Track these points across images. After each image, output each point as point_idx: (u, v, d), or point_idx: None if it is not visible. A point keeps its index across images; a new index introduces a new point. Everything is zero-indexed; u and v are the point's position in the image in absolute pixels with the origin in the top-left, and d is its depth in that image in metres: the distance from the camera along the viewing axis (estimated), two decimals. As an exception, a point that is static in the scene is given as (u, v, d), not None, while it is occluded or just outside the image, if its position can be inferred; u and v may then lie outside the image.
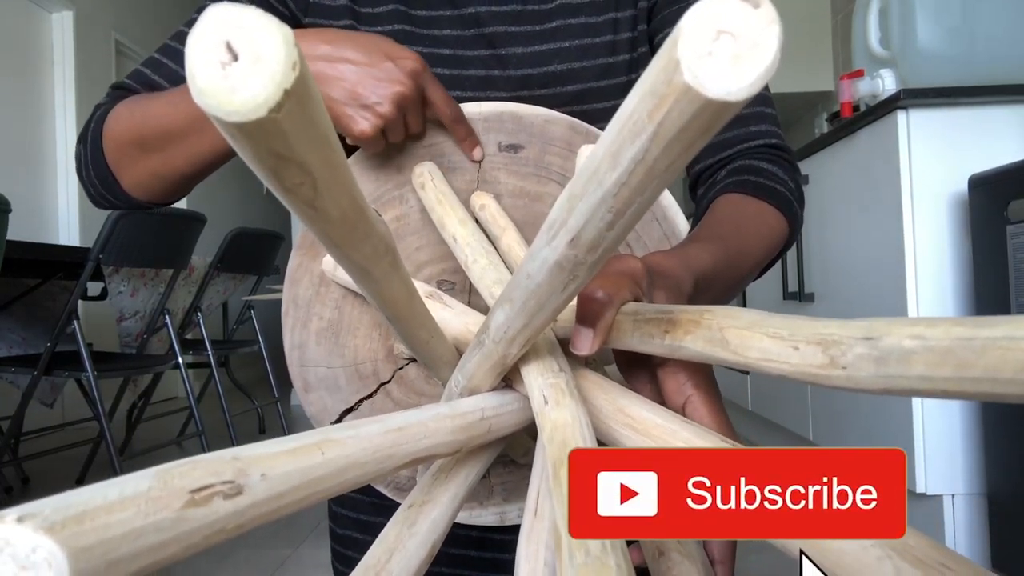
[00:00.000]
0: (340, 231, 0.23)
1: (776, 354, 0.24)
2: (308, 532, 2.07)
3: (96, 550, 0.15)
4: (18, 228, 2.48)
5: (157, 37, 4.54)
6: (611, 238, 0.24)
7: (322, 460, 0.23)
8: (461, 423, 0.33)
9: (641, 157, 0.20)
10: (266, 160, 0.17)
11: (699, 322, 0.28)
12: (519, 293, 0.30)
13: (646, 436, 0.30)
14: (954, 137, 1.68)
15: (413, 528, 0.33)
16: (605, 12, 0.64)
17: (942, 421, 1.66)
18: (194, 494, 0.18)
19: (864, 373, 0.21)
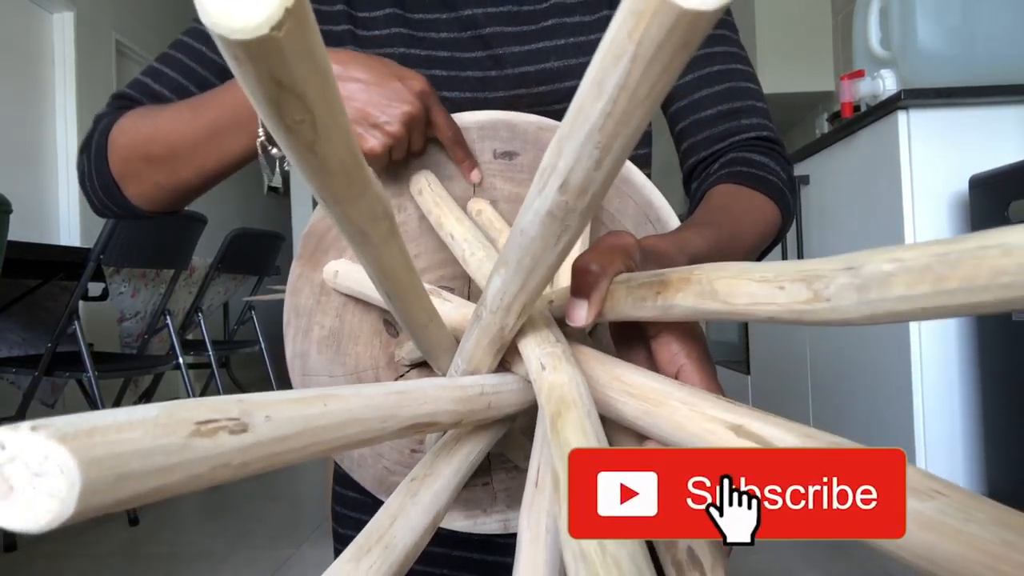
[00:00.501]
0: (339, 183, 0.23)
1: (763, 296, 0.25)
2: (309, 532, 2.07)
3: (106, 462, 0.16)
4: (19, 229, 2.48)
5: (158, 38, 4.56)
6: (599, 180, 0.24)
7: (324, 411, 0.24)
8: (461, 395, 0.34)
9: (624, 81, 0.20)
10: (269, 88, 0.18)
11: (689, 279, 0.29)
12: (514, 252, 0.30)
13: (643, 400, 0.31)
14: (955, 137, 1.68)
15: (416, 498, 0.33)
16: (599, 10, 0.65)
17: (942, 419, 1.66)
18: (200, 425, 0.18)
19: (847, 302, 0.22)
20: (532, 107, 0.62)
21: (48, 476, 0.15)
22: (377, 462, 0.59)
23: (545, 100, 0.63)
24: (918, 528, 0.20)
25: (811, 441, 0.24)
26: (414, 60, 0.63)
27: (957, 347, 1.67)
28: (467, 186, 0.57)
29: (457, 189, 0.57)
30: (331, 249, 0.56)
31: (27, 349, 2.54)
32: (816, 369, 2.24)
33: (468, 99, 0.63)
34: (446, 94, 0.63)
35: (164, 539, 2.04)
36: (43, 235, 3.59)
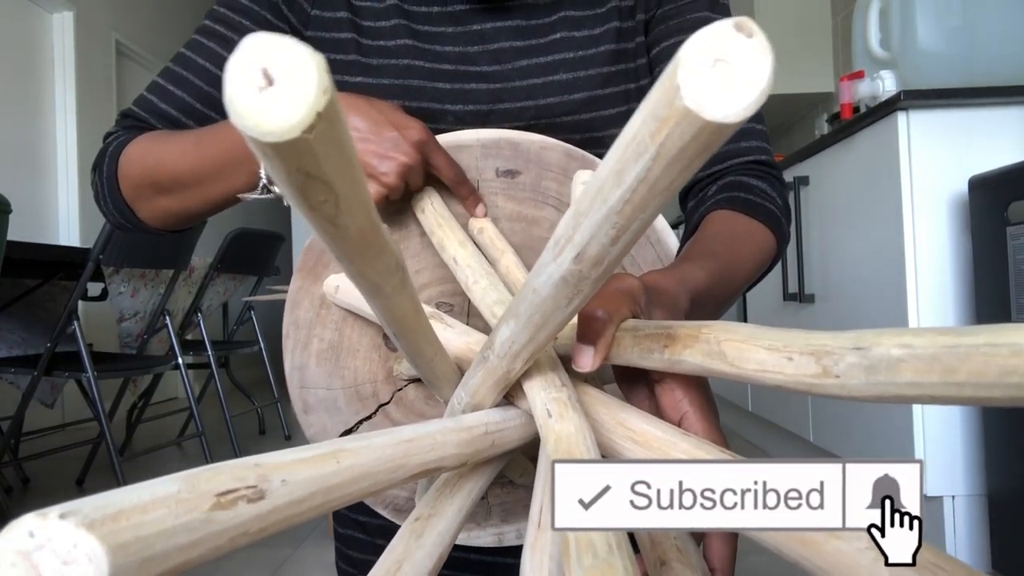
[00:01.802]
0: (357, 247, 0.24)
1: (772, 365, 0.26)
2: (309, 532, 2.07)
3: (132, 547, 0.16)
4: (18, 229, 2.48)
5: (157, 38, 4.56)
6: (614, 253, 0.25)
7: (337, 468, 0.24)
8: (466, 437, 0.34)
9: (644, 175, 0.21)
10: (295, 178, 0.18)
11: (697, 336, 0.30)
12: (524, 308, 0.31)
13: (647, 448, 0.31)
14: (954, 138, 1.68)
15: (420, 540, 0.33)
16: (607, 23, 0.65)
17: (942, 422, 1.66)
18: (220, 497, 0.19)
19: (856, 381, 0.22)
20: (539, 118, 0.62)
21: (77, 564, 0.15)
22: None
23: (553, 112, 0.63)
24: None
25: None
26: (419, 72, 0.63)
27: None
28: None
29: (459, 206, 0.57)
30: (332, 263, 0.57)
31: (26, 349, 2.54)
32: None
33: (472, 111, 0.63)
34: (450, 107, 0.63)
35: None
36: (42, 235, 3.59)
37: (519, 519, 0.59)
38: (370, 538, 0.67)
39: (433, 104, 0.62)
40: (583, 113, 0.63)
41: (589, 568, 0.23)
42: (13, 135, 3.42)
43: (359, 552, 0.68)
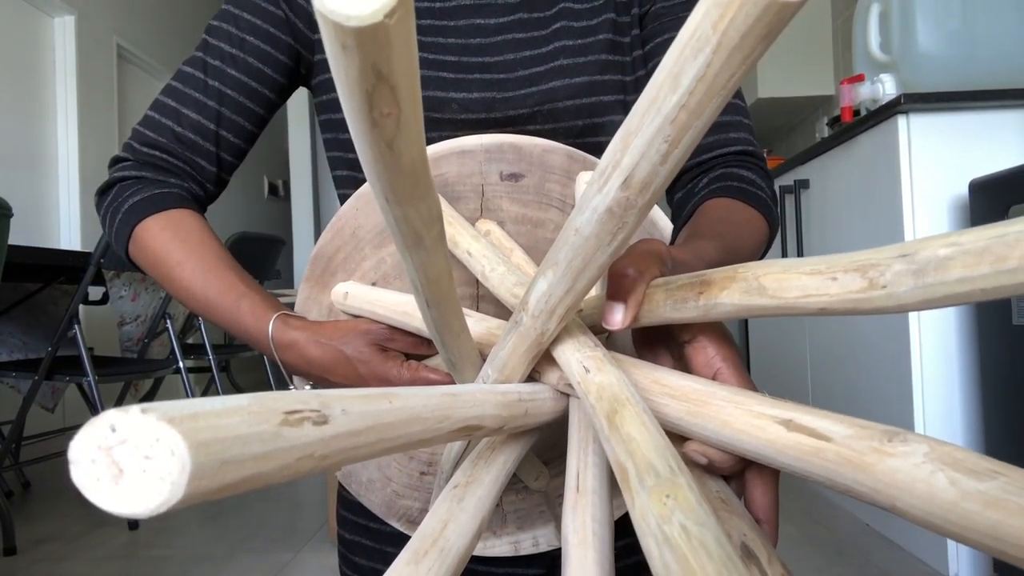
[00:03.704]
0: (407, 182, 0.24)
1: (815, 288, 0.26)
2: (309, 537, 2.06)
3: (212, 446, 0.16)
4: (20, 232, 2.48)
5: (159, 41, 4.57)
6: (664, 174, 0.25)
7: (391, 407, 0.24)
8: (503, 400, 0.34)
9: (703, 73, 0.21)
10: (368, 78, 0.18)
11: (734, 277, 0.30)
12: (565, 253, 0.31)
13: (685, 400, 0.31)
14: (955, 141, 1.68)
15: (462, 503, 0.33)
16: (603, 14, 0.67)
17: (943, 422, 1.66)
18: (288, 415, 0.19)
19: (903, 288, 0.22)
20: (542, 103, 0.63)
21: (158, 459, 0.15)
22: (386, 486, 0.59)
23: (556, 96, 0.63)
24: (983, 507, 0.20)
25: (864, 431, 0.24)
26: (421, 63, 0.63)
27: (958, 350, 1.67)
28: (475, 207, 0.57)
29: (464, 210, 0.57)
30: (339, 271, 0.56)
31: (27, 353, 2.54)
32: (816, 369, 2.24)
33: (476, 99, 0.63)
34: (454, 95, 0.63)
35: (164, 542, 2.04)
36: (44, 239, 3.59)
37: (535, 526, 0.59)
38: (378, 545, 0.67)
39: (438, 92, 0.63)
40: (584, 97, 0.64)
41: (653, 488, 0.23)
42: (14, 139, 3.43)
43: (365, 559, 0.68)
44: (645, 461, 0.24)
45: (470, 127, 0.63)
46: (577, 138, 0.63)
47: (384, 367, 0.51)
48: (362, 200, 0.55)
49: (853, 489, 0.24)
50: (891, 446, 0.23)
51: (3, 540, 1.97)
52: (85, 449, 0.15)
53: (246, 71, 0.64)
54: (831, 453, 0.24)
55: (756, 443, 0.27)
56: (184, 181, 0.64)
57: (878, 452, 0.23)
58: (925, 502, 0.21)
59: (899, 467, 0.22)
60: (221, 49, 0.64)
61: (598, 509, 0.30)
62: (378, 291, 0.54)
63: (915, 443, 0.23)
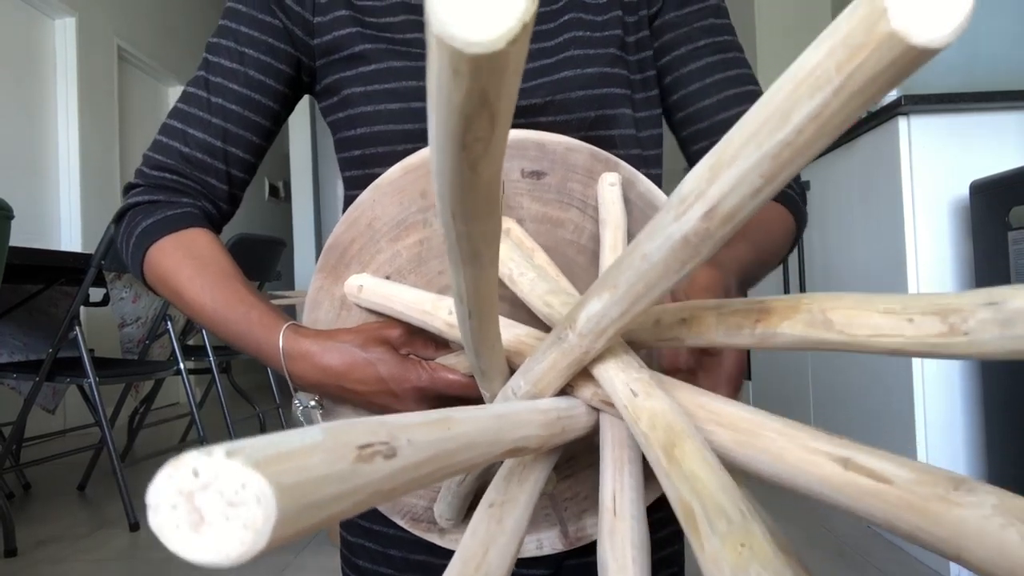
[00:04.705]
0: (480, 202, 0.23)
1: (889, 329, 0.25)
2: (309, 538, 2.06)
3: (296, 491, 0.15)
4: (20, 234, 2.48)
5: (159, 43, 4.57)
6: (752, 207, 0.24)
7: (449, 434, 0.24)
8: (544, 419, 0.34)
9: (817, 113, 0.20)
10: (473, 104, 0.17)
11: (797, 307, 0.29)
12: (627, 276, 0.30)
13: (734, 430, 0.30)
14: (955, 143, 1.68)
15: (501, 524, 0.33)
16: (611, 11, 0.67)
17: (944, 425, 1.66)
18: (361, 450, 0.18)
19: (988, 336, 0.22)
20: (554, 93, 0.63)
21: (244, 506, 0.14)
22: None
23: (568, 86, 0.63)
24: None
25: (928, 476, 0.24)
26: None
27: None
28: None
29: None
30: (353, 263, 0.56)
31: (28, 354, 2.54)
32: (817, 374, 2.24)
33: None
34: None
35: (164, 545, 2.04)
36: (45, 240, 3.59)
37: (539, 529, 0.58)
38: (381, 548, 0.67)
39: None
40: (596, 88, 0.64)
41: (726, 535, 0.22)
42: (15, 140, 3.43)
43: (369, 562, 0.67)
44: (714, 503, 0.24)
45: None
46: (589, 130, 0.63)
47: (403, 368, 0.51)
48: (379, 191, 0.54)
49: (916, 536, 0.23)
50: (957, 495, 0.22)
51: (4, 542, 1.97)
52: (166, 494, 0.14)
53: (248, 84, 0.64)
54: (893, 497, 0.24)
55: (811, 480, 0.27)
56: (196, 200, 0.64)
57: (944, 501, 0.23)
58: (995, 555, 0.21)
59: (966, 518, 0.22)
60: (222, 65, 0.64)
61: (636, 535, 0.30)
62: (395, 286, 0.54)
63: (983, 494, 0.22)
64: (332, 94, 0.66)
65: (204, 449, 0.14)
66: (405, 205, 0.55)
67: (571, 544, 0.57)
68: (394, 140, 0.62)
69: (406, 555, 0.64)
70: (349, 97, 0.64)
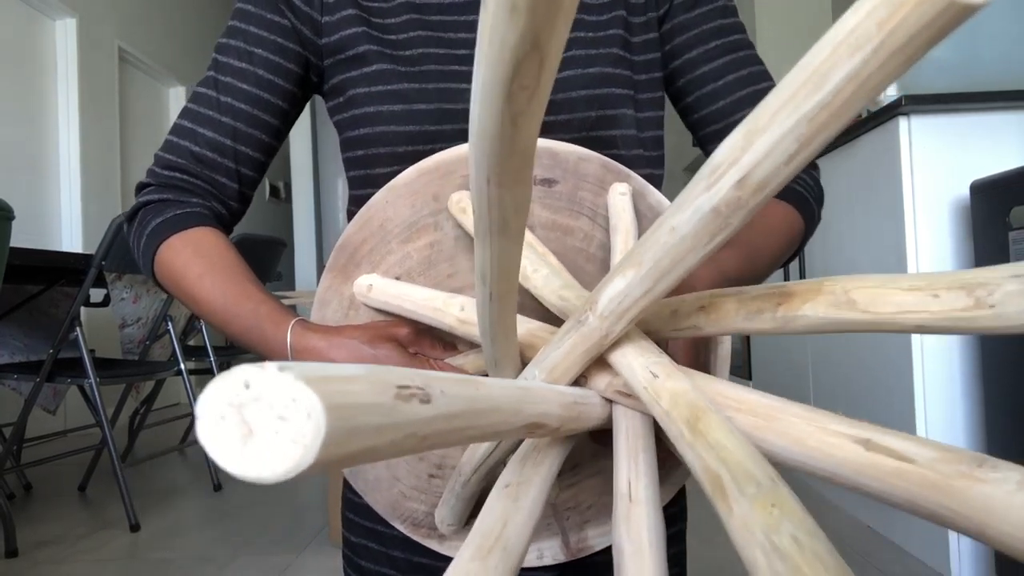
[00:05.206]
0: (517, 163, 0.23)
1: (913, 305, 0.25)
2: (310, 539, 2.06)
3: (343, 411, 0.15)
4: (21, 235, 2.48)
5: (160, 44, 4.57)
6: (784, 174, 0.24)
7: (479, 394, 0.24)
8: (563, 400, 0.34)
9: (856, 72, 0.20)
10: (524, 45, 0.17)
11: (819, 289, 0.29)
12: (653, 252, 0.29)
13: (754, 415, 0.30)
14: (956, 143, 1.68)
15: (518, 503, 0.33)
16: (613, 11, 0.67)
17: (945, 427, 1.66)
18: (400, 389, 0.18)
19: (1014, 308, 0.22)
20: (556, 93, 0.63)
21: (293, 421, 0.14)
22: (393, 486, 0.58)
23: (570, 85, 0.63)
24: None
25: (950, 455, 0.23)
26: (434, 58, 0.64)
27: (960, 353, 1.67)
28: None
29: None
30: (363, 263, 0.56)
31: (29, 355, 2.54)
32: (818, 375, 2.24)
33: None
34: (467, 86, 0.63)
35: (165, 545, 2.04)
36: (45, 241, 3.60)
37: (540, 538, 0.58)
38: (384, 549, 0.67)
39: (450, 84, 0.63)
40: (598, 88, 0.64)
41: (755, 496, 0.22)
42: (16, 141, 3.43)
43: (372, 563, 0.67)
44: (742, 469, 0.24)
45: None
46: (590, 130, 0.63)
47: (409, 366, 0.51)
48: (393, 192, 0.54)
49: (937, 514, 0.23)
50: (981, 472, 0.22)
51: (4, 542, 1.97)
52: (215, 405, 0.14)
53: (257, 84, 0.64)
54: (915, 476, 0.23)
55: (832, 462, 0.26)
56: (206, 200, 0.65)
57: (967, 478, 0.22)
58: (1021, 530, 0.21)
59: (991, 494, 0.21)
60: (231, 65, 0.65)
61: (652, 519, 0.30)
62: (405, 285, 0.54)
63: (1007, 470, 0.22)
64: (338, 94, 0.66)
65: (257, 364, 0.14)
66: (418, 207, 0.55)
67: (572, 555, 0.57)
68: (396, 141, 0.62)
69: (409, 556, 0.64)
70: (354, 97, 0.64)
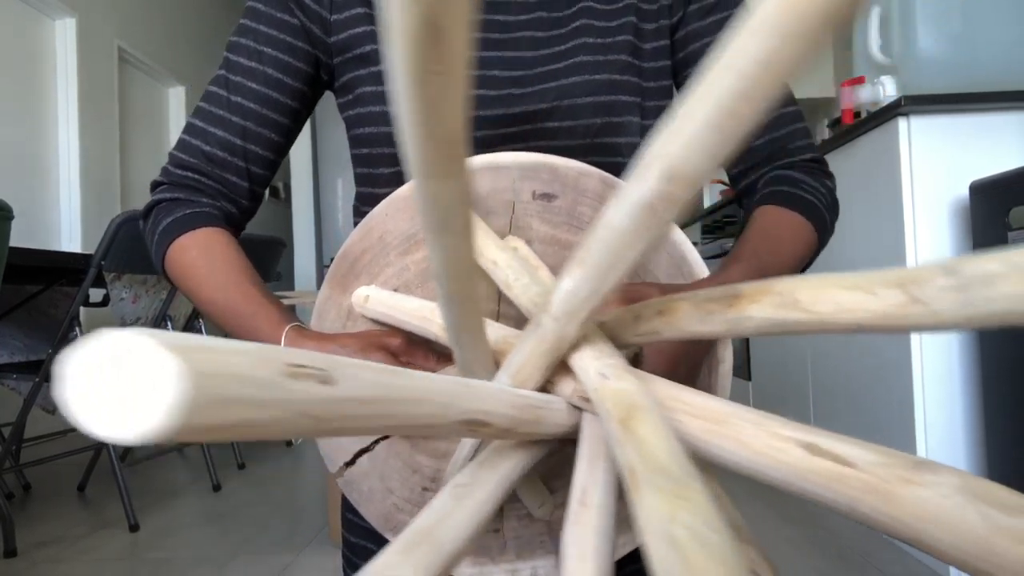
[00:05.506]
0: (443, 154, 0.23)
1: (852, 303, 0.25)
2: (309, 539, 2.06)
3: (211, 379, 0.15)
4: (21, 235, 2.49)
5: (160, 44, 4.57)
6: (710, 166, 0.24)
7: (400, 383, 0.24)
8: (515, 401, 0.33)
9: (762, 56, 0.20)
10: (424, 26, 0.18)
11: (768, 290, 0.29)
12: (594, 250, 0.30)
13: (708, 420, 0.30)
14: (955, 143, 1.68)
15: (462, 502, 0.32)
16: (624, 16, 0.67)
17: (944, 427, 1.66)
18: (292, 367, 0.18)
19: (946, 304, 0.21)
20: (561, 99, 0.63)
21: (155, 384, 0.14)
22: (386, 498, 0.58)
23: (575, 92, 0.63)
24: (1014, 543, 0.19)
25: (891, 459, 0.23)
26: None
27: (959, 354, 1.67)
28: (504, 223, 0.57)
29: (494, 226, 0.57)
30: (363, 274, 0.56)
31: (28, 355, 2.54)
32: (817, 376, 2.24)
33: (494, 96, 0.64)
34: (473, 90, 0.64)
35: (164, 545, 2.04)
36: (45, 241, 3.60)
37: (535, 556, 0.58)
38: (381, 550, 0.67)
39: None
40: (604, 95, 0.64)
41: (663, 488, 0.22)
42: (15, 141, 3.43)
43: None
44: (657, 463, 0.24)
45: (488, 123, 0.63)
46: (595, 137, 0.63)
47: None
48: (393, 205, 0.55)
49: (876, 520, 0.23)
50: (919, 476, 0.22)
51: (3, 542, 1.97)
52: (79, 367, 0.14)
53: (266, 83, 0.65)
54: (855, 480, 0.23)
55: (776, 466, 0.26)
56: (216, 200, 0.65)
57: (905, 482, 0.22)
58: (954, 536, 0.20)
59: (927, 498, 0.21)
60: (241, 64, 0.65)
61: (602, 523, 0.30)
62: (399, 296, 0.54)
63: (945, 475, 0.22)
64: (347, 92, 0.67)
65: (126, 329, 0.15)
66: (416, 220, 0.55)
67: None
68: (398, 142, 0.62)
69: None
70: (361, 96, 0.65)
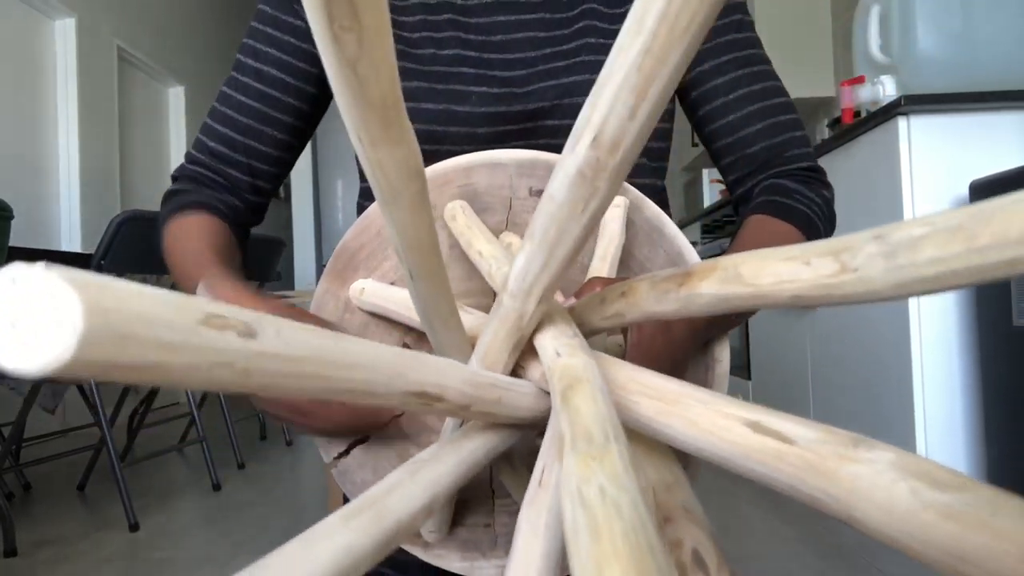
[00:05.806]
0: (378, 119, 0.23)
1: (788, 274, 0.25)
2: (309, 538, 2.06)
3: (112, 315, 0.15)
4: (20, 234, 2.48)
5: (159, 44, 4.57)
6: (633, 131, 0.24)
7: (334, 346, 0.23)
8: (473, 379, 0.33)
9: (665, 10, 0.21)
10: None
11: (715, 267, 0.29)
12: (540, 222, 0.30)
13: (661, 400, 0.30)
14: (955, 143, 1.68)
15: (415, 477, 0.32)
16: (624, 4, 0.68)
17: (944, 427, 1.66)
18: (210, 316, 0.18)
19: (875, 271, 0.21)
20: (562, 98, 0.64)
21: (54, 317, 0.14)
22: None
23: (577, 91, 0.64)
24: (941, 519, 0.19)
25: (831, 436, 0.23)
26: (443, 59, 0.65)
27: (958, 353, 1.67)
28: (500, 219, 0.58)
29: (490, 222, 0.57)
30: (361, 268, 0.57)
31: (28, 355, 2.54)
32: (816, 375, 2.24)
33: (496, 94, 0.64)
34: (474, 88, 0.65)
35: (164, 545, 2.04)
36: (44, 241, 3.59)
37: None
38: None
39: (458, 86, 0.64)
40: None
41: (583, 452, 0.22)
42: (15, 141, 3.43)
43: None
44: (583, 429, 0.24)
45: (489, 120, 0.64)
46: None
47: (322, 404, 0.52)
48: None
49: (815, 498, 0.23)
50: (855, 452, 0.22)
51: (3, 542, 1.97)
52: None
53: (270, 83, 0.68)
54: (795, 458, 0.23)
55: (722, 445, 0.26)
56: (218, 192, 0.69)
57: (841, 458, 0.22)
58: (883, 512, 0.20)
59: (860, 474, 0.21)
60: (247, 65, 0.69)
61: (556, 504, 0.30)
62: (393, 288, 0.55)
63: (881, 451, 0.22)
64: None
65: (29, 263, 0.15)
66: None
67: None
68: None
69: (407, 557, 0.65)
70: None
